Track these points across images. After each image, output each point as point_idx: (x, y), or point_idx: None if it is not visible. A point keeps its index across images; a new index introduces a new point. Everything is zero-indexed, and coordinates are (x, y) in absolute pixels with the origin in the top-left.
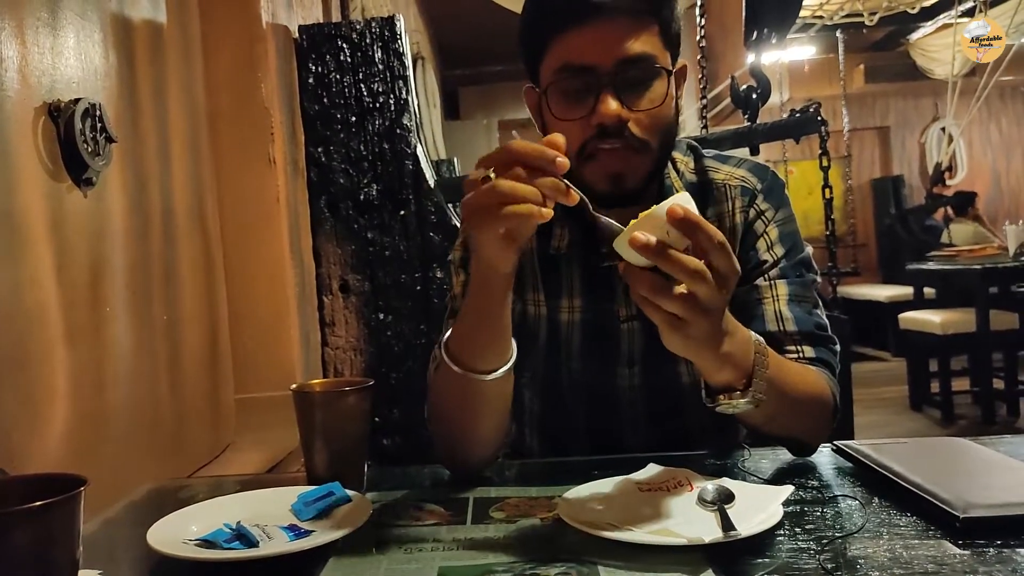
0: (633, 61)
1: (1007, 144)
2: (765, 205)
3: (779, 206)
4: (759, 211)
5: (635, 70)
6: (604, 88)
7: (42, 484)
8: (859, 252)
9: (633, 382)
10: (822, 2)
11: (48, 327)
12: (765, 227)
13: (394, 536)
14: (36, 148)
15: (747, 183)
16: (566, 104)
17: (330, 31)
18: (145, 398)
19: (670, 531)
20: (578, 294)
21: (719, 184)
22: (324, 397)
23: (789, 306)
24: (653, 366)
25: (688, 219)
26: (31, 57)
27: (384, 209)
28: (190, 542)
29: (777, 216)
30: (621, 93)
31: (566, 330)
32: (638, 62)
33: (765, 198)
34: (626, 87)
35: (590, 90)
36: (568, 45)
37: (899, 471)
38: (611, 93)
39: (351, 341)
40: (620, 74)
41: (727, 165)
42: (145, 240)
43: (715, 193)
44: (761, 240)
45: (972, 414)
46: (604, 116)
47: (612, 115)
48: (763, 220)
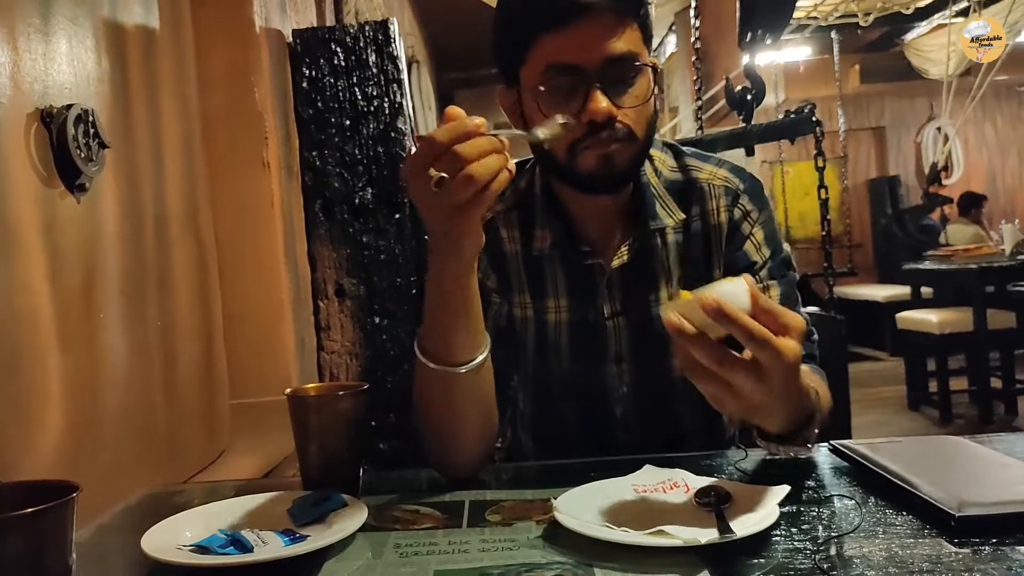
0: (619, 59)
1: (1002, 143)
2: (750, 206)
3: (762, 207)
4: (744, 211)
5: (621, 68)
6: (593, 86)
7: (34, 491)
8: (856, 252)
9: (623, 379)
10: (817, 3)
11: (41, 333)
12: (751, 228)
13: (389, 540)
14: (28, 154)
15: (730, 183)
16: (554, 103)
17: (324, 35)
18: (139, 404)
19: (666, 532)
20: (563, 294)
21: (703, 183)
22: (318, 401)
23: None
24: (641, 362)
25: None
26: (23, 63)
27: (379, 213)
28: (184, 548)
29: (761, 217)
30: (608, 90)
31: (554, 331)
32: (623, 60)
33: (750, 199)
34: (613, 84)
35: (577, 89)
36: (554, 45)
37: (895, 470)
38: (600, 91)
39: (347, 345)
40: (607, 72)
41: (708, 164)
42: (139, 245)
43: (699, 191)
44: (749, 242)
45: (970, 413)
46: (595, 113)
47: (603, 112)
48: (749, 221)
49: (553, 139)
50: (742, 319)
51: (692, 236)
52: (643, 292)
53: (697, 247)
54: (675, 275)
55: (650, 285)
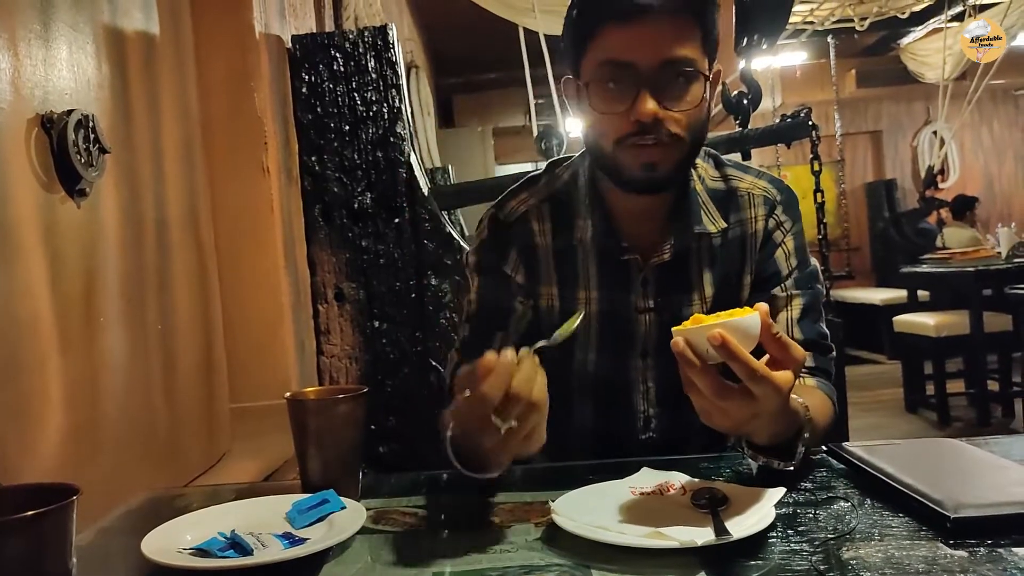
0: (673, 63)
1: (999, 147)
2: (784, 217)
3: (795, 219)
4: (778, 221)
5: (674, 72)
6: (643, 87)
7: (34, 494)
8: (853, 255)
9: (646, 374)
10: (813, 8)
11: (41, 337)
12: (783, 237)
13: (388, 543)
14: (29, 159)
15: (768, 194)
16: (606, 98)
17: (323, 40)
18: (140, 408)
19: (663, 534)
20: (595, 286)
21: (743, 192)
22: (318, 405)
23: (800, 318)
24: (667, 358)
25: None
26: (24, 69)
27: (378, 217)
28: (184, 551)
29: (794, 228)
30: (659, 92)
31: (583, 321)
32: (678, 64)
33: (784, 210)
34: (664, 87)
35: (630, 86)
36: (612, 41)
37: (891, 472)
38: (650, 92)
39: (346, 349)
40: (660, 74)
41: (749, 175)
42: (139, 250)
43: (739, 200)
44: (780, 250)
45: (968, 416)
46: (642, 114)
47: (649, 114)
48: (782, 231)
49: (566, 338)
50: (742, 356)
51: (730, 242)
52: (678, 292)
53: (733, 253)
54: (708, 279)
55: (685, 286)
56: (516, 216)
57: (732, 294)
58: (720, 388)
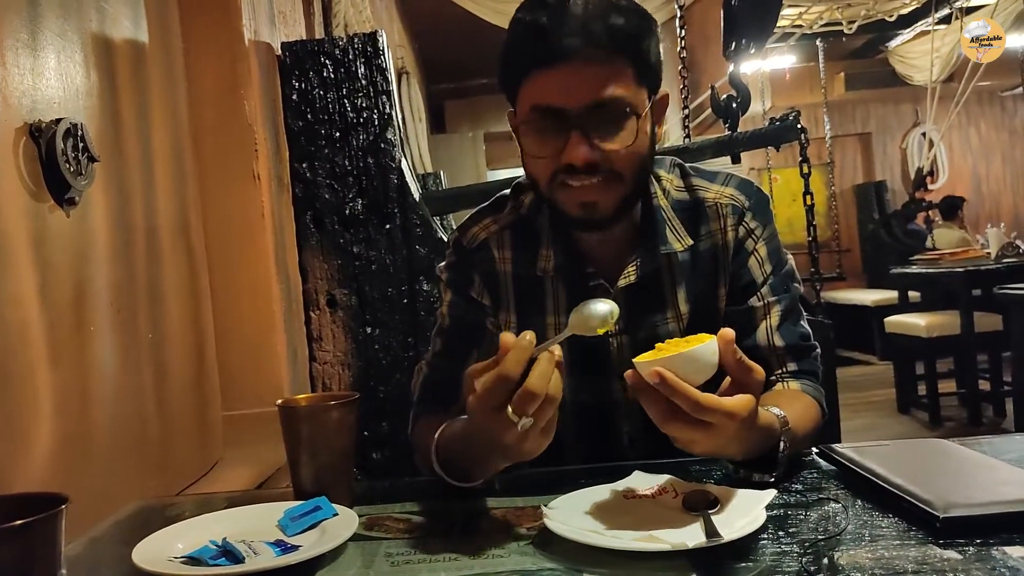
0: (602, 104)
1: (986, 148)
2: (754, 223)
3: (766, 223)
4: (748, 229)
5: (606, 113)
6: (574, 129)
7: (23, 503)
8: (843, 257)
9: (627, 395)
10: (801, 11)
11: (31, 346)
12: (755, 245)
13: (381, 549)
14: (18, 168)
15: (736, 201)
16: (538, 141)
17: (313, 48)
18: (131, 416)
19: (655, 537)
20: (563, 311)
21: (711, 203)
22: (309, 411)
23: (779, 325)
24: None
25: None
26: (11, 78)
27: (370, 223)
28: (176, 560)
29: (765, 233)
30: (591, 133)
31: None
32: (607, 105)
33: (754, 216)
34: (596, 127)
35: (560, 130)
36: (539, 86)
37: (881, 473)
38: (579, 135)
39: (339, 355)
40: (590, 116)
41: (715, 183)
42: (129, 258)
43: (707, 211)
44: (752, 258)
45: (959, 416)
46: (572, 158)
47: (579, 158)
48: (753, 238)
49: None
50: (681, 391)
51: (701, 255)
52: (649, 311)
53: (705, 266)
54: (683, 296)
55: (658, 305)
56: (477, 243)
57: (710, 308)
58: (668, 416)
